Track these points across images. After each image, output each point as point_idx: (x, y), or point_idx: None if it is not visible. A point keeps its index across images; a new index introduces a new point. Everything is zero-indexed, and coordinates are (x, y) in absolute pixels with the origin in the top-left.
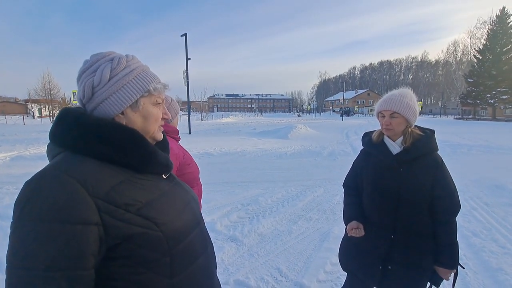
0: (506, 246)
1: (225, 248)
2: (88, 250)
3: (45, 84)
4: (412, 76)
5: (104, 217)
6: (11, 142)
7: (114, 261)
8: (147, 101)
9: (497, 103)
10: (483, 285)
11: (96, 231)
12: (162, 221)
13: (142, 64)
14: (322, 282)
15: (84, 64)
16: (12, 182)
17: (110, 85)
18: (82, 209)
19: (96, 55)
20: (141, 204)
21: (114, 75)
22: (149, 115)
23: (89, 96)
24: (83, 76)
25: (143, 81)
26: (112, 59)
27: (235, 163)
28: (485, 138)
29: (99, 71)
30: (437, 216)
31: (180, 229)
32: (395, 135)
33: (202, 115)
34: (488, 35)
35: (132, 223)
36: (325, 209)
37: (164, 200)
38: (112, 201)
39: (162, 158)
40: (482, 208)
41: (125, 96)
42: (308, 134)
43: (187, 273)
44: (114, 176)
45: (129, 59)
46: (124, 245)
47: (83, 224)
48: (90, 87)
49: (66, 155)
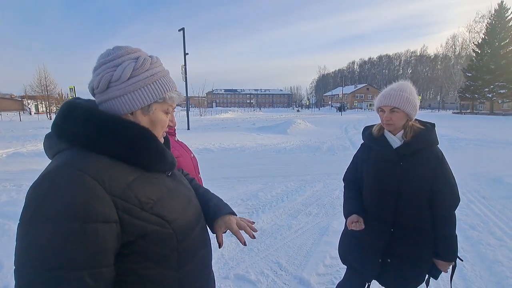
0: (502, 239)
1: (225, 243)
2: (109, 247)
3: (41, 80)
4: (411, 70)
5: (121, 215)
6: (8, 139)
7: (125, 257)
8: (159, 107)
9: (495, 97)
10: (480, 276)
11: (115, 229)
12: (172, 219)
13: (164, 69)
14: (321, 275)
15: (107, 55)
16: (9, 179)
17: (128, 84)
18: (102, 207)
19: (121, 49)
20: (153, 202)
21: (135, 75)
22: (157, 121)
23: (103, 89)
24: (103, 68)
25: (161, 88)
26: (137, 58)
27: (234, 159)
28: (483, 132)
29: (121, 68)
30: (436, 209)
31: (186, 225)
32: (396, 130)
33: (201, 111)
34: (487, 29)
35: (147, 221)
36: (324, 203)
37: (171, 197)
38: (128, 199)
39: (169, 156)
40: (480, 201)
41: (140, 98)
42: (307, 129)
43: (190, 265)
44: (127, 174)
45: (153, 61)
46: (138, 242)
47: (104, 222)
48: (107, 80)
49: (76, 152)
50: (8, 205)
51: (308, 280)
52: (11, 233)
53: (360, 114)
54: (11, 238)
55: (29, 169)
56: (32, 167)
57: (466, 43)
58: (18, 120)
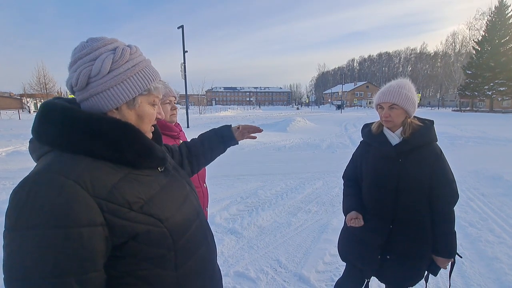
0: (501, 236)
1: (224, 241)
2: (97, 252)
3: (40, 78)
4: (411, 68)
5: (108, 217)
6: (7, 137)
7: (120, 260)
8: (145, 100)
9: (495, 94)
10: (479, 273)
11: (101, 232)
12: (165, 217)
13: (145, 58)
14: (321, 272)
15: (82, 49)
16: (9, 177)
17: (109, 78)
18: (85, 211)
19: (96, 41)
20: (143, 201)
21: (115, 68)
22: (145, 115)
23: (83, 86)
24: (79, 63)
25: (145, 78)
26: (115, 49)
27: (234, 156)
28: (482, 130)
29: (99, 61)
30: (435, 205)
31: (182, 222)
32: (395, 127)
33: (200, 109)
34: (487, 27)
35: (137, 222)
36: (324, 201)
37: (164, 194)
38: (114, 200)
39: (159, 151)
40: (479, 198)
41: (123, 92)
42: (306, 127)
43: (190, 263)
44: (112, 174)
45: (132, 52)
46: (130, 243)
47: (89, 226)
48: (86, 76)
49: (56, 155)
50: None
51: (308, 277)
52: None
53: (360, 112)
54: None
55: (28, 167)
56: (32, 165)
57: (466, 41)
58: (17, 118)
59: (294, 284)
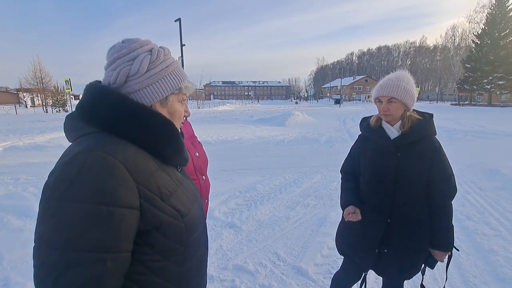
0: (497, 229)
1: (223, 235)
2: (131, 233)
3: (36, 72)
4: (410, 61)
5: (142, 203)
6: (4, 132)
7: (137, 247)
8: (175, 98)
9: (494, 88)
10: (475, 265)
11: (137, 215)
12: (184, 212)
13: (175, 60)
14: (319, 265)
15: (120, 50)
16: (7, 172)
17: (146, 78)
18: (129, 193)
19: (132, 42)
20: (170, 194)
21: (151, 68)
22: (175, 112)
23: (121, 83)
24: (119, 62)
25: (177, 78)
26: (151, 50)
27: (232, 151)
28: (480, 124)
29: (138, 61)
30: (433, 199)
31: (195, 220)
32: (393, 120)
33: (198, 103)
34: (487, 20)
35: (164, 212)
36: (322, 195)
37: (182, 191)
38: (150, 188)
39: (186, 152)
40: (476, 192)
41: (158, 90)
42: (305, 121)
43: (192, 262)
44: (150, 164)
45: (166, 53)
46: (153, 233)
47: (130, 208)
48: (125, 75)
49: (106, 136)
50: (6, 198)
51: (306, 270)
52: (9, 226)
53: (358, 106)
54: (10, 231)
55: (26, 162)
56: (29, 160)
57: (465, 34)
58: (14, 113)
59: (292, 277)
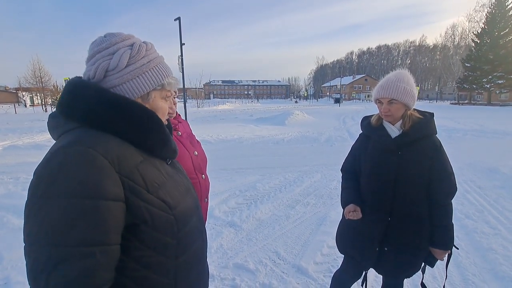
0: (497, 227)
1: (223, 234)
2: (118, 226)
3: (35, 71)
4: (409, 61)
5: (128, 195)
6: (3, 132)
7: (128, 243)
8: (158, 94)
9: (493, 87)
10: (474, 264)
11: (123, 208)
12: (173, 204)
13: (159, 55)
14: (319, 264)
15: (101, 44)
16: (6, 172)
17: (126, 73)
18: (112, 186)
19: (114, 36)
20: (157, 186)
21: (131, 63)
22: (158, 109)
23: (100, 78)
24: (98, 56)
25: (159, 74)
26: (132, 45)
27: (232, 150)
28: (480, 123)
29: (117, 56)
30: (433, 198)
31: (186, 212)
32: (395, 120)
33: (198, 102)
34: (487, 19)
35: (151, 204)
36: (322, 194)
37: (172, 183)
38: (135, 180)
39: (173, 144)
40: (475, 191)
41: (138, 86)
42: (305, 120)
43: (188, 255)
44: (135, 156)
45: (148, 48)
46: (141, 227)
47: (115, 201)
48: (104, 69)
49: (86, 131)
50: (6, 197)
51: (306, 268)
52: (9, 225)
53: (358, 105)
54: (10, 230)
55: (25, 161)
56: (29, 159)
57: (465, 33)
58: (13, 112)
59: (292, 275)
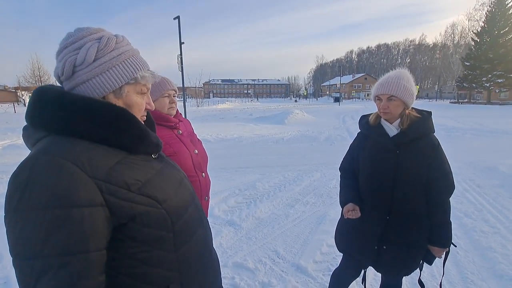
0: (496, 226)
1: (223, 232)
2: (98, 232)
3: (34, 70)
4: (409, 59)
5: (107, 198)
6: (3, 131)
7: (120, 242)
8: (132, 89)
9: (493, 86)
10: (473, 262)
11: (102, 212)
12: (163, 198)
13: (133, 48)
14: (318, 262)
15: (67, 38)
16: (6, 171)
17: (94, 67)
18: (85, 192)
19: (82, 30)
20: (141, 183)
21: (100, 56)
22: (133, 104)
23: (69, 75)
24: (65, 52)
25: (131, 67)
26: (100, 38)
27: (232, 149)
28: (479, 122)
29: (84, 50)
30: (431, 196)
31: (180, 204)
32: (393, 118)
33: (197, 102)
34: (487, 17)
35: (136, 202)
36: (321, 193)
37: (160, 178)
38: (113, 181)
39: (153, 137)
40: (474, 189)
41: (108, 81)
42: (304, 119)
43: (189, 245)
44: (109, 157)
45: (118, 41)
46: (130, 225)
47: (89, 207)
48: (72, 65)
49: (53, 139)
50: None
51: (305, 267)
52: None
53: (358, 104)
54: None
55: None
56: None
57: (465, 32)
58: (13, 111)
59: (292, 274)
